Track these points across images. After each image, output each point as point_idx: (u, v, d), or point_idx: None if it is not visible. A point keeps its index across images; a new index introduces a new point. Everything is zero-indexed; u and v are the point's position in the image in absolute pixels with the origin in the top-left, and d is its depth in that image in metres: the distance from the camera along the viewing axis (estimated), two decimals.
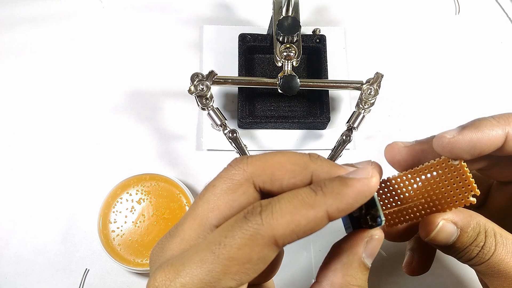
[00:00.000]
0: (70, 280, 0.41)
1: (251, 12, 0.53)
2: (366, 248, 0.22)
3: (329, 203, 0.19)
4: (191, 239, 0.21)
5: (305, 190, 0.20)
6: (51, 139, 0.46)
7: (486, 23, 0.54)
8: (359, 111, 0.41)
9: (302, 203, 0.19)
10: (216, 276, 0.19)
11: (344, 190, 0.20)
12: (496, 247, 0.24)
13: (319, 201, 0.19)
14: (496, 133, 0.23)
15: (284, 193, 0.20)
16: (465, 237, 0.24)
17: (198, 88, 0.39)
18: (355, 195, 0.20)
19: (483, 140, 0.23)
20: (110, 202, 0.40)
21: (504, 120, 0.23)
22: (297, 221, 0.19)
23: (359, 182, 0.20)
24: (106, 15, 0.51)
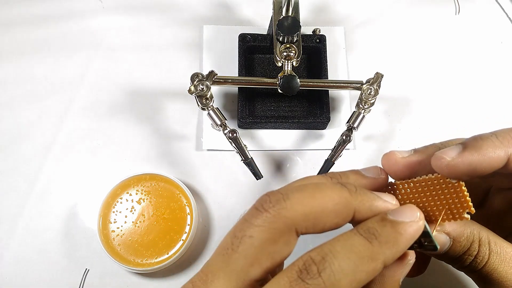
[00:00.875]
0: (70, 280, 0.41)
1: (251, 12, 0.53)
2: (403, 272, 0.22)
3: (386, 254, 0.19)
4: None
5: (359, 242, 0.20)
6: (51, 139, 0.45)
7: (486, 23, 0.54)
8: (359, 111, 0.41)
9: (362, 258, 0.19)
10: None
11: (398, 238, 0.20)
12: (490, 256, 0.24)
13: (377, 253, 0.19)
14: (498, 156, 0.22)
15: (335, 243, 0.19)
16: (458, 247, 0.24)
17: (198, 88, 0.39)
18: (409, 241, 0.20)
19: (484, 163, 0.22)
20: (110, 202, 0.40)
21: (507, 141, 0.22)
22: (359, 278, 0.19)
23: (411, 227, 0.20)
24: (106, 14, 0.51)
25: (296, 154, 0.47)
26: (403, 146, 0.29)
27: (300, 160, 0.46)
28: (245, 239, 0.20)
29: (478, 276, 0.25)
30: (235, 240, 0.20)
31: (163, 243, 0.39)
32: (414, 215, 0.20)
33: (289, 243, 0.20)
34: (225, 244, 0.20)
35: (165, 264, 0.39)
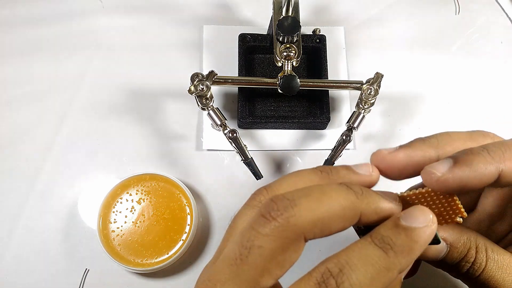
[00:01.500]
0: (70, 280, 0.41)
1: (251, 12, 0.53)
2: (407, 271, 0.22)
3: (402, 263, 0.19)
4: None
5: (375, 253, 0.19)
6: (51, 139, 0.45)
7: (486, 23, 0.54)
8: (359, 111, 0.41)
9: (378, 270, 0.19)
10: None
11: (413, 246, 0.20)
12: (487, 263, 0.24)
13: (393, 264, 0.19)
14: (490, 171, 0.21)
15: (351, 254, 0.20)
16: (455, 253, 0.24)
17: (198, 88, 0.39)
18: (423, 247, 0.20)
19: (475, 179, 0.21)
20: (110, 202, 0.40)
21: (499, 157, 0.21)
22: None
23: (425, 233, 0.20)
24: (106, 14, 0.51)
25: (296, 154, 0.47)
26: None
27: (300, 160, 0.46)
28: (254, 250, 0.19)
29: (475, 283, 0.25)
30: (244, 250, 0.20)
31: (163, 243, 0.39)
32: (427, 219, 0.20)
33: (298, 249, 0.20)
34: (233, 254, 0.20)
35: (165, 264, 0.39)
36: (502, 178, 0.21)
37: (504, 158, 0.21)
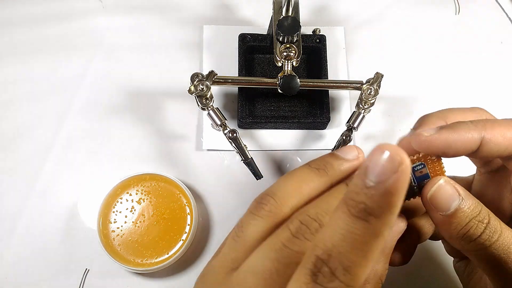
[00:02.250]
0: (70, 280, 0.41)
1: (251, 12, 0.53)
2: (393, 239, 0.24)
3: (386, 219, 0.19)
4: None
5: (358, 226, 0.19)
6: (51, 139, 0.45)
7: (486, 23, 0.54)
8: (359, 111, 0.41)
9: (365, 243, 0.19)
10: None
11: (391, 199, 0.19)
12: (503, 231, 0.24)
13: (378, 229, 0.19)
14: (472, 136, 0.24)
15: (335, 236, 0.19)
16: (467, 207, 0.24)
17: (198, 88, 0.39)
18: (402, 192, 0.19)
19: (459, 141, 0.24)
20: (110, 202, 0.40)
21: (481, 125, 0.24)
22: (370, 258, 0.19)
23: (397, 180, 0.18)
24: (106, 14, 0.51)
25: (296, 154, 0.47)
26: None
27: (300, 160, 0.46)
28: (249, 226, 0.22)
29: (494, 253, 0.24)
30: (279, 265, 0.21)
31: (163, 243, 0.39)
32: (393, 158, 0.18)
33: None
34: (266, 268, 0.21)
35: (165, 264, 0.39)
36: (483, 145, 0.24)
37: (486, 128, 0.24)
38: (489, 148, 0.24)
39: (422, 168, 0.25)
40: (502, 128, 0.24)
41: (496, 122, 0.25)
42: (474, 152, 0.24)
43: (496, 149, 0.24)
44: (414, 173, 0.24)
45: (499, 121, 0.25)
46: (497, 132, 0.24)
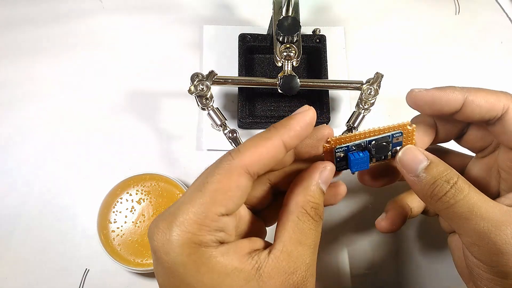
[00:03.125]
0: (70, 280, 0.41)
1: (251, 12, 0.53)
2: (321, 176, 0.27)
3: (281, 133, 0.25)
4: None
5: (262, 131, 0.25)
6: (50, 139, 0.45)
7: (486, 23, 0.54)
8: (359, 111, 0.41)
9: (261, 138, 0.25)
10: (207, 206, 0.23)
11: (290, 122, 0.25)
12: (470, 192, 0.26)
13: (273, 134, 0.25)
14: (456, 95, 0.28)
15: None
16: (434, 169, 0.27)
17: (198, 88, 0.39)
18: (300, 123, 0.25)
19: (443, 98, 0.28)
20: (110, 202, 0.40)
21: (466, 89, 0.29)
22: (259, 151, 0.24)
23: (300, 114, 0.25)
24: (106, 14, 0.51)
25: None
26: None
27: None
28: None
29: (458, 210, 0.26)
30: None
31: None
32: (304, 108, 0.26)
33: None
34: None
35: None
36: (466, 105, 0.28)
37: (470, 91, 0.28)
38: (471, 109, 0.28)
39: (399, 136, 0.28)
40: (485, 93, 0.28)
41: (481, 89, 0.29)
42: (458, 113, 0.28)
43: (478, 110, 0.28)
44: (392, 139, 0.28)
45: (484, 89, 0.29)
46: (480, 96, 0.28)
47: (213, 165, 0.25)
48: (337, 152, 0.28)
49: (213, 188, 0.23)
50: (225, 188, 0.24)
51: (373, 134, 0.28)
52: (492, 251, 0.25)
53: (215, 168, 0.24)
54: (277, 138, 0.25)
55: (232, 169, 0.24)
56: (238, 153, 0.24)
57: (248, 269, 0.23)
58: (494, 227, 0.25)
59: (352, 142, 0.28)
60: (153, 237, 0.23)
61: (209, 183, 0.24)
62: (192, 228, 0.23)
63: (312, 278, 0.25)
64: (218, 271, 0.23)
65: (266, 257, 0.24)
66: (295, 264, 0.24)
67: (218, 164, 0.24)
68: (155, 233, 0.23)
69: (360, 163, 0.28)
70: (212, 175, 0.24)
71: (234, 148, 0.25)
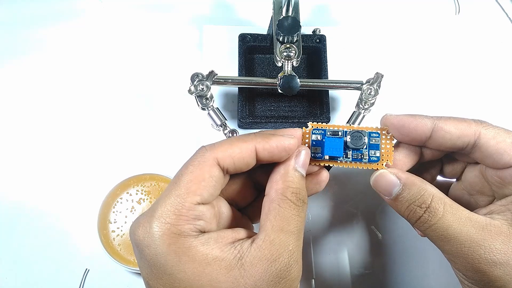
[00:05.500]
0: (70, 280, 0.41)
1: (251, 12, 0.53)
2: (297, 161, 0.27)
3: (257, 141, 0.26)
4: None
5: (240, 135, 0.27)
6: (51, 139, 0.46)
7: (486, 23, 0.54)
8: (359, 111, 0.41)
9: (238, 139, 0.26)
10: (182, 196, 0.24)
11: (271, 137, 0.27)
12: (445, 213, 0.26)
13: (250, 139, 0.26)
14: (424, 122, 0.28)
15: None
16: (406, 193, 0.27)
17: (198, 88, 0.39)
18: (277, 143, 0.26)
19: (412, 124, 0.28)
20: (110, 202, 0.40)
21: (437, 117, 0.28)
22: (232, 148, 0.26)
23: (283, 137, 0.27)
24: (106, 15, 0.51)
25: None
26: None
27: None
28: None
29: (433, 232, 0.27)
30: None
31: None
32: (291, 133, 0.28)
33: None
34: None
35: None
36: (435, 132, 0.28)
37: (439, 118, 0.28)
38: (441, 135, 0.28)
39: (376, 138, 0.30)
40: (456, 121, 0.28)
41: (452, 117, 0.29)
42: (429, 140, 0.28)
43: (448, 137, 0.28)
44: (369, 139, 0.30)
45: (455, 117, 0.29)
46: (450, 123, 0.28)
47: (188, 160, 0.26)
48: (314, 133, 0.29)
49: (187, 179, 0.25)
50: (199, 178, 0.25)
51: (351, 128, 0.30)
52: (469, 268, 0.26)
53: (190, 161, 0.26)
54: (252, 143, 0.26)
55: (205, 160, 0.25)
56: (212, 147, 0.26)
57: (229, 258, 0.24)
58: (467, 248, 0.25)
59: (329, 129, 0.30)
60: (135, 232, 0.24)
61: (183, 174, 0.25)
62: (170, 219, 0.24)
63: (297, 265, 0.25)
64: (198, 260, 0.23)
65: (249, 247, 0.24)
66: (277, 252, 0.24)
67: (193, 158, 0.26)
68: (136, 228, 0.24)
69: (334, 147, 0.29)
70: (186, 168, 0.25)
71: (210, 143, 0.27)
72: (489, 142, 0.28)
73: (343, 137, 0.29)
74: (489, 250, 0.25)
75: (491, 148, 0.28)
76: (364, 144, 0.29)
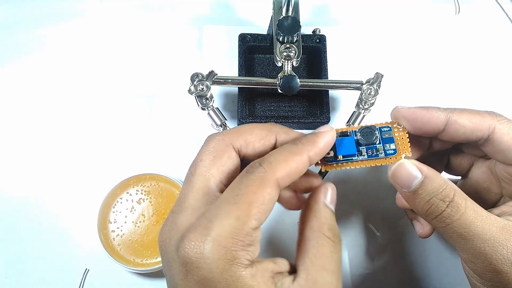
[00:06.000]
0: (70, 280, 0.41)
1: (251, 12, 0.53)
2: (326, 197, 0.27)
3: (308, 149, 0.26)
4: (201, 207, 0.24)
5: (288, 145, 0.26)
6: (51, 139, 0.46)
7: (486, 23, 0.54)
8: (359, 111, 0.41)
9: (290, 152, 0.25)
10: (243, 219, 0.22)
11: (316, 139, 0.26)
12: (466, 209, 0.25)
13: (301, 149, 0.26)
14: (438, 115, 0.28)
15: (272, 150, 0.26)
16: (429, 185, 0.26)
17: (198, 88, 0.39)
18: (325, 142, 0.26)
19: (425, 116, 0.28)
20: (110, 202, 0.40)
21: (450, 110, 0.28)
22: (290, 165, 0.24)
23: (326, 133, 0.27)
24: (106, 15, 0.51)
25: None
26: None
27: None
28: (197, 163, 0.26)
29: (455, 230, 0.26)
30: (192, 168, 0.26)
31: None
32: (327, 128, 0.27)
33: (231, 156, 0.26)
34: (188, 172, 0.26)
35: None
36: (449, 126, 0.27)
37: (454, 111, 0.28)
38: (454, 129, 0.27)
39: (388, 131, 0.29)
40: (470, 114, 0.28)
41: (466, 109, 0.28)
42: (442, 133, 0.28)
43: (462, 130, 0.27)
44: (381, 134, 0.29)
45: (469, 109, 0.28)
46: (464, 116, 0.28)
47: (243, 176, 0.24)
48: None
49: (248, 200, 0.23)
50: (259, 200, 0.23)
51: (360, 127, 0.29)
52: (488, 269, 0.25)
53: (247, 179, 0.24)
54: (305, 153, 0.25)
55: (265, 181, 0.23)
56: (270, 166, 0.24)
57: None
58: (490, 247, 0.25)
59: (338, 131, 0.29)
60: (183, 248, 0.23)
61: (244, 195, 0.23)
62: (227, 243, 0.22)
63: None
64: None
65: (290, 285, 0.23)
66: None
67: (249, 175, 0.24)
68: (186, 243, 0.22)
69: (346, 146, 0.28)
70: (247, 186, 0.23)
71: (263, 157, 0.25)
72: (502, 137, 0.27)
73: (353, 136, 0.29)
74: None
75: (504, 143, 0.27)
76: (376, 138, 0.28)
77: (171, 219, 0.25)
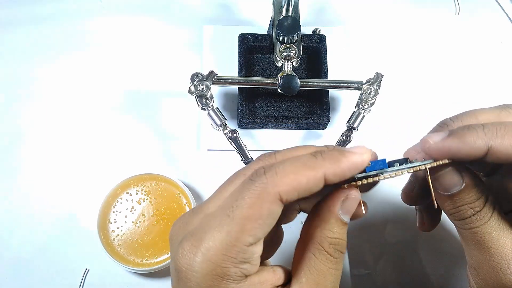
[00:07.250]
0: (70, 280, 0.41)
1: (251, 12, 0.53)
2: (343, 206, 0.24)
3: (327, 167, 0.22)
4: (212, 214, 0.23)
5: (306, 155, 0.23)
6: (51, 139, 0.46)
7: (486, 23, 0.54)
8: (359, 111, 0.41)
9: (304, 165, 0.22)
10: (235, 235, 0.21)
11: (341, 158, 0.22)
12: (490, 219, 0.25)
13: (319, 164, 0.22)
14: (478, 146, 0.23)
15: (287, 158, 0.23)
16: (465, 195, 0.25)
17: (198, 88, 0.39)
18: (350, 164, 0.22)
19: (464, 150, 0.23)
20: (110, 202, 0.40)
21: (491, 133, 0.23)
22: (298, 180, 0.21)
23: (355, 154, 0.23)
24: (106, 15, 0.51)
25: None
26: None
27: None
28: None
29: (471, 234, 0.25)
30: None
31: (163, 243, 0.39)
32: (361, 150, 0.23)
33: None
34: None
35: (165, 264, 0.39)
36: (491, 154, 0.23)
37: (496, 136, 0.23)
38: (497, 156, 0.24)
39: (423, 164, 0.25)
40: (510, 138, 0.24)
41: (509, 133, 0.24)
42: (483, 158, 0.24)
43: (504, 157, 0.24)
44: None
45: (509, 133, 0.24)
46: (507, 141, 0.23)
47: (244, 184, 0.22)
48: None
49: (243, 214, 0.21)
50: (256, 215, 0.21)
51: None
52: (490, 283, 0.25)
53: (246, 190, 0.22)
54: (321, 170, 0.22)
55: (265, 194, 0.21)
56: (274, 176, 0.21)
57: None
58: (497, 263, 0.24)
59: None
60: (178, 258, 0.22)
61: (239, 207, 0.21)
62: (217, 259, 0.21)
63: None
64: None
65: None
66: None
67: (250, 184, 0.22)
68: (180, 254, 0.22)
69: (377, 164, 0.24)
70: (243, 198, 0.21)
71: (269, 166, 0.22)
72: None
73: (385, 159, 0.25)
74: None
75: None
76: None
77: (185, 216, 0.24)
